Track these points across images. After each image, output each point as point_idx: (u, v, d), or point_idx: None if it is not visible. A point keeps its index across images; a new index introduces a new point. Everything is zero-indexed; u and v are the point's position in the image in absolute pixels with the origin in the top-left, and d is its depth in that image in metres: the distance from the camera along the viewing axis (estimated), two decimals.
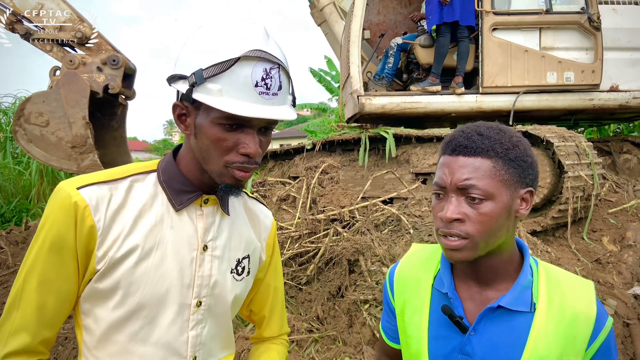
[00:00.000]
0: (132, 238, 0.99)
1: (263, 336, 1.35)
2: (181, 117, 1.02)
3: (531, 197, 0.99)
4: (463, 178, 0.94)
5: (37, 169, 6.99)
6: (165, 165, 1.08)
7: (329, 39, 7.63)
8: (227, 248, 1.12)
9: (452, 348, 1.03)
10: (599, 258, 3.85)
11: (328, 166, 4.74)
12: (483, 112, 5.09)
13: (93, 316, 1.01)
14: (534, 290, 1.00)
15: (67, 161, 4.12)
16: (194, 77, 0.93)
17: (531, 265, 1.04)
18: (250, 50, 0.93)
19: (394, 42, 5.41)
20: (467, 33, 4.93)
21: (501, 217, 0.94)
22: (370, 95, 5.10)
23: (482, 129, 0.98)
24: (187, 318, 1.05)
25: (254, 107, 0.94)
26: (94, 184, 0.98)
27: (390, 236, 3.75)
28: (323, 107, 16.68)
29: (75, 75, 4.07)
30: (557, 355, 0.94)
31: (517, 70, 4.93)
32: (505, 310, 0.99)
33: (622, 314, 3.26)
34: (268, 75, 0.95)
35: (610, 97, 5.08)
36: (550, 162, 4.02)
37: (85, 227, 0.95)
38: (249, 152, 0.97)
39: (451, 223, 0.95)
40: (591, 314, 0.95)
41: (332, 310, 3.47)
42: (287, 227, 4.28)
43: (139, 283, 0.99)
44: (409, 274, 1.18)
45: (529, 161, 0.98)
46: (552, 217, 4.00)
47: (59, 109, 4.07)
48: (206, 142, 0.98)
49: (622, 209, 4.41)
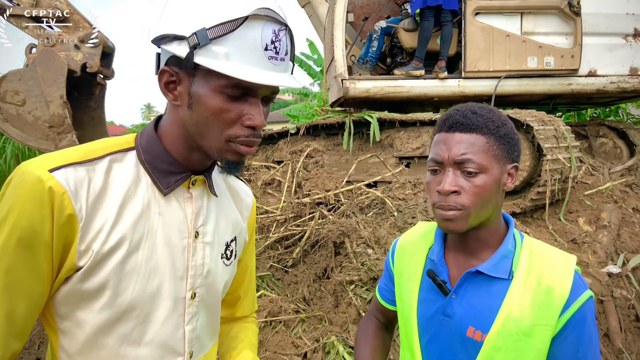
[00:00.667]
0: (118, 228, 0.86)
1: (235, 316, 1.27)
2: (169, 84, 0.89)
3: (516, 172, 1.08)
4: (460, 153, 1.01)
5: (13, 153, 6.85)
6: (146, 142, 0.94)
7: (312, 21, 7.57)
8: (217, 232, 1.03)
9: (436, 310, 1.11)
10: (574, 238, 3.99)
11: (313, 150, 4.77)
12: (465, 96, 5.16)
13: (74, 319, 0.87)
14: (514, 260, 1.07)
15: (44, 141, 4.04)
16: (195, 37, 0.81)
17: (515, 238, 1.12)
18: (260, 8, 0.83)
19: (377, 26, 5.42)
20: (450, 17, 4.96)
21: (492, 189, 1.03)
22: (355, 79, 5.11)
23: (475, 108, 1.06)
24: (182, 312, 0.96)
25: (264, 73, 0.85)
26: (69, 165, 0.83)
27: (375, 219, 3.82)
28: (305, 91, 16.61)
29: (52, 53, 3.97)
30: (530, 321, 1.01)
31: (498, 54, 5.00)
32: (485, 277, 1.07)
33: (596, 291, 3.40)
34: (277, 38, 0.86)
35: (588, 82, 5.19)
36: (529, 145, 4.12)
37: (64, 217, 0.80)
38: (255, 124, 0.88)
39: (448, 196, 1.02)
40: (566, 285, 1.02)
41: (319, 291, 3.54)
42: (273, 210, 4.32)
43: (129, 279, 0.88)
44: (409, 244, 1.28)
45: (515, 138, 1.08)
46: (531, 199, 4.11)
47: (36, 87, 3.97)
48: (205, 114, 0.86)
49: (598, 191, 4.55)
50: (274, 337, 3.08)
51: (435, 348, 1.12)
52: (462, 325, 1.06)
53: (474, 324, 1.05)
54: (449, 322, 1.08)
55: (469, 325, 1.05)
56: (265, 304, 3.31)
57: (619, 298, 3.45)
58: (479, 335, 1.04)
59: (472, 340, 1.05)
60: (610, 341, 3.22)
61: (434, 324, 1.11)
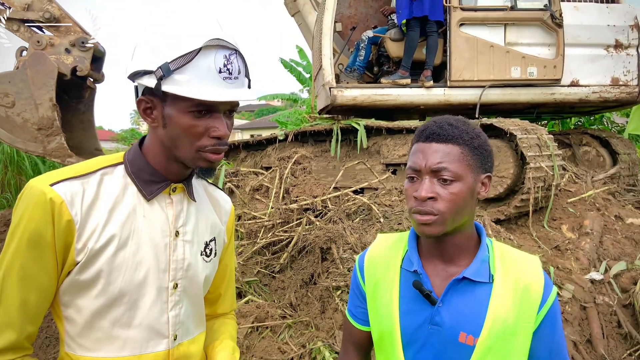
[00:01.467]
0: (109, 229, 1.04)
1: (217, 312, 1.42)
2: (147, 110, 1.07)
3: (489, 181, 1.15)
4: (436, 161, 1.08)
5: (2, 158, 6.80)
6: (132, 157, 1.12)
7: (302, 29, 7.65)
8: (196, 232, 1.19)
9: (423, 320, 1.14)
10: (558, 245, 4.06)
11: (301, 157, 4.81)
12: (451, 105, 5.24)
13: (74, 307, 1.04)
14: (491, 264, 1.14)
15: (33, 143, 4.03)
16: (161, 70, 0.99)
17: (487, 244, 1.18)
18: (210, 39, 1.00)
19: (365, 35, 5.50)
20: (435, 28, 5.05)
21: (467, 197, 1.09)
22: (342, 87, 5.18)
23: (452, 120, 1.13)
24: (165, 300, 1.11)
25: (221, 91, 1.02)
26: (66, 180, 1.01)
27: (362, 225, 3.86)
28: (294, 97, 16.67)
29: (43, 56, 3.97)
30: (514, 320, 1.08)
31: (483, 64, 5.09)
32: (468, 282, 1.12)
33: (579, 297, 3.46)
34: (229, 61, 1.03)
35: (571, 91, 5.31)
36: (513, 153, 4.20)
37: (63, 222, 0.98)
38: (220, 134, 1.05)
39: (425, 201, 1.08)
40: (540, 284, 1.11)
41: (305, 297, 3.56)
42: (261, 216, 4.34)
43: (119, 271, 1.04)
44: (378, 258, 1.29)
45: (488, 150, 1.15)
46: (515, 206, 4.18)
47: (25, 90, 3.97)
48: (177, 130, 1.04)
49: (581, 198, 4.64)
50: (260, 342, 3.09)
51: (425, 358, 1.14)
52: (453, 331, 1.10)
53: (465, 329, 1.09)
54: (438, 331, 1.11)
55: (460, 331, 1.10)
56: (252, 309, 3.33)
57: (601, 304, 3.51)
58: (472, 340, 1.09)
59: (465, 345, 1.09)
60: (593, 347, 3.27)
61: (421, 335, 1.14)
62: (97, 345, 1.05)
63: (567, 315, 3.25)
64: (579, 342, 3.07)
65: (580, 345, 3.07)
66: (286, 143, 5.61)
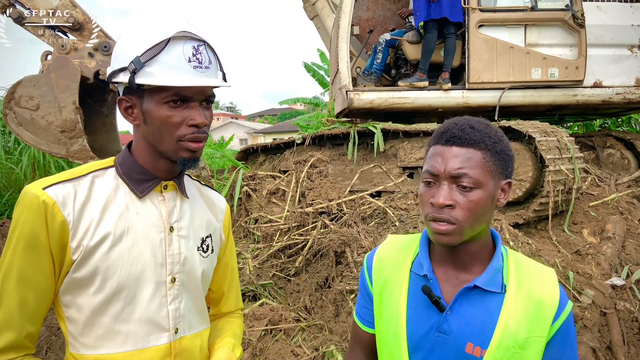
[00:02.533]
0: (102, 226, 1.07)
1: (222, 311, 1.45)
2: (128, 109, 1.11)
3: (509, 187, 1.09)
4: (456, 167, 1.02)
5: (29, 162, 7.01)
6: (122, 159, 1.16)
7: (321, 33, 7.68)
8: (192, 228, 1.21)
9: (430, 327, 1.10)
10: (578, 250, 3.97)
11: (317, 160, 4.82)
12: (469, 107, 5.19)
13: (75, 306, 1.07)
14: (504, 274, 1.09)
15: (56, 145, 4.16)
16: (133, 64, 1.03)
17: (502, 252, 1.13)
18: (177, 31, 1.05)
19: (382, 38, 5.49)
20: (454, 30, 5.01)
21: (486, 205, 1.04)
22: (359, 90, 5.18)
23: (473, 123, 1.07)
24: (164, 294, 1.13)
25: (192, 78, 1.05)
26: (58, 183, 1.06)
27: (377, 229, 3.85)
28: (316, 101, 16.72)
29: (67, 60, 4.10)
30: (525, 333, 1.03)
31: (502, 66, 5.03)
32: (480, 291, 1.07)
33: (599, 303, 3.38)
34: (197, 51, 1.07)
35: (594, 93, 5.19)
36: (532, 156, 4.12)
37: (57, 223, 1.02)
38: (197, 122, 1.08)
39: (442, 209, 1.02)
40: (555, 298, 1.05)
41: (320, 300, 3.57)
42: (277, 219, 4.37)
43: (115, 266, 1.07)
44: (388, 258, 1.24)
45: (510, 155, 1.09)
46: (534, 210, 4.11)
47: (50, 93, 4.10)
48: (156, 123, 1.07)
49: (603, 202, 4.53)
50: (273, 345, 3.11)
51: None
52: (460, 341, 1.06)
53: (472, 339, 1.05)
54: (445, 339, 1.07)
55: (467, 342, 1.05)
56: (266, 312, 3.35)
57: (622, 310, 3.42)
58: (479, 351, 1.04)
59: (472, 356, 1.04)
60: (613, 354, 3.19)
61: (427, 342, 1.10)
62: (100, 342, 1.08)
63: (586, 321, 3.17)
64: (598, 349, 2.99)
65: (600, 352, 2.99)
66: (304, 147, 5.63)
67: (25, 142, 4.26)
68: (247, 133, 39.30)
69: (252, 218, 4.81)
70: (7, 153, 7.45)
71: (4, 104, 4.13)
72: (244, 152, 7.00)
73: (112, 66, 1.10)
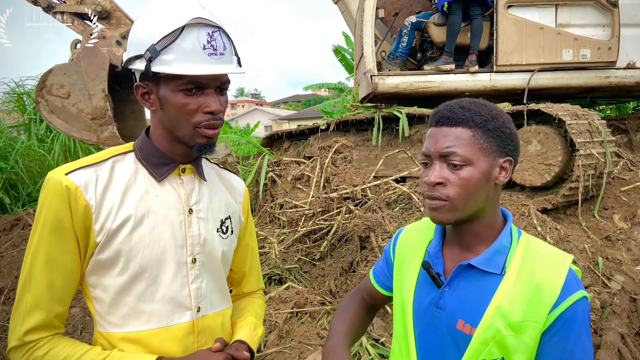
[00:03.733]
0: (124, 209, 1.10)
1: (243, 292, 1.48)
2: (145, 95, 1.13)
3: (510, 165, 1.09)
4: (445, 146, 1.05)
5: (61, 149, 7.20)
6: (140, 144, 1.19)
7: (345, 17, 7.60)
8: (210, 210, 1.24)
9: (429, 302, 1.14)
10: (608, 235, 3.89)
11: (341, 146, 4.82)
12: (497, 90, 5.09)
13: (101, 286, 1.11)
14: (508, 256, 1.08)
15: (87, 132, 4.24)
16: (148, 52, 1.05)
17: (512, 235, 1.12)
18: (192, 18, 1.05)
19: (407, 21, 5.41)
20: (479, 10, 4.90)
21: (479, 182, 1.05)
22: (384, 74, 5.13)
23: (464, 103, 1.09)
24: (185, 274, 1.17)
25: (206, 67, 1.06)
26: (80, 169, 1.09)
27: (401, 214, 3.84)
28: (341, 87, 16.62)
29: (95, 49, 4.16)
30: (520, 316, 1.01)
31: (532, 48, 4.90)
32: (479, 271, 1.09)
33: (629, 289, 3.32)
34: (212, 38, 1.08)
35: (627, 74, 5.03)
36: (562, 140, 4.04)
37: (80, 207, 1.05)
38: (212, 109, 1.10)
39: (434, 187, 1.06)
40: (557, 283, 1.01)
41: (344, 284, 3.59)
42: (302, 205, 4.40)
43: (138, 248, 1.10)
44: (411, 236, 1.32)
45: (508, 132, 1.08)
46: (563, 195, 4.03)
47: (80, 81, 4.17)
48: (173, 110, 1.09)
49: (635, 187, 4.41)
50: (299, 327, 3.16)
51: (427, 339, 1.14)
52: (452, 317, 1.08)
53: (463, 317, 1.07)
54: (440, 314, 1.11)
55: (458, 318, 1.07)
56: (292, 295, 3.40)
57: None
58: (468, 329, 1.06)
59: (462, 333, 1.07)
60: None
61: (427, 316, 1.14)
62: (125, 321, 1.12)
63: (615, 307, 3.12)
64: (627, 335, 2.94)
65: (629, 337, 2.94)
66: (328, 132, 5.64)
67: (57, 130, 4.37)
68: (271, 120, 39.43)
69: (278, 203, 4.86)
70: (40, 141, 7.67)
71: (36, 92, 4.22)
72: (268, 138, 7.05)
73: (128, 52, 1.11)
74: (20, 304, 1.06)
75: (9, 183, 6.92)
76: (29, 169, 7.16)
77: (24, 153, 7.27)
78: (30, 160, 7.27)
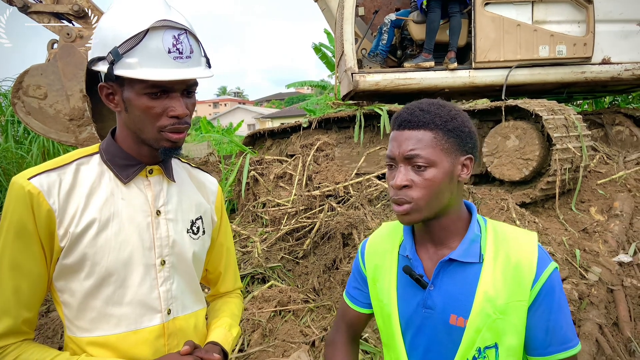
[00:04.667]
0: (88, 213, 1.08)
1: (220, 292, 1.47)
2: (109, 96, 1.11)
3: (471, 163, 1.12)
4: (409, 149, 1.07)
5: (39, 151, 7.08)
6: (106, 146, 1.16)
7: (325, 15, 7.60)
8: (180, 211, 1.22)
9: (417, 304, 1.15)
10: (586, 228, 3.97)
11: (323, 143, 4.83)
12: (476, 87, 5.15)
13: (68, 291, 1.09)
14: (482, 244, 1.13)
15: (65, 134, 4.17)
16: (111, 55, 1.03)
17: (479, 223, 1.16)
18: (157, 20, 1.03)
19: (387, 19, 5.44)
20: (458, 8, 4.95)
21: (443, 182, 1.07)
22: (364, 72, 5.15)
23: (424, 105, 1.11)
24: (154, 276, 1.15)
25: (171, 71, 1.04)
26: (43, 173, 1.07)
27: (383, 210, 3.87)
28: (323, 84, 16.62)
29: (73, 49, 4.09)
30: (506, 297, 1.06)
31: (509, 44, 4.97)
32: (458, 263, 1.11)
33: (606, 280, 3.39)
34: (178, 41, 1.05)
35: (602, 69, 5.12)
36: (539, 135, 4.10)
37: (43, 211, 1.03)
38: (177, 113, 1.07)
39: (400, 190, 1.07)
40: (532, 259, 1.08)
41: (327, 281, 3.61)
42: (284, 203, 4.41)
43: (103, 251, 1.08)
44: (378, 244, 1.32)
45: (467, 131, 1.11)
46: (541, 189, 4.10)
47: (57, 81, 4.10)
48: (137, 112, 1.07)
49: (611, 180, 4.50)
50: (283, 326, 3.17)
51: (420, 341, 1.15)
52: (444, 314, 1.10)
53: (455, 311, 1.09)
54: (431, 314, 1.12)
55: (451, 314, 1.10)
56: (275, 294, 3.40)
57: (629, 287, 3.43)
58: (462, 322, 1.08)
59: (456, 327, 1.09)
60: (620, 330, 3.21)
61: (416, 318, 1.15)
62: (94, 325, 1.10)
63: (593, 298, 3.19)
64: (604, 325, 3.01)
65: (606, 328, 3.01)
66: (310, 130, 5.64)
67: (34, 131, 4.29)
68: (254, 118, 39.26)
69: (260, 202, 4.85)
70: (17, 142, 7.53)
71: (12, 93, 4.15)
72: (251, 137, 7.03)
73: (92, 53, 1.09)
74: None
75: None
76: (7, 172, 7.01)
77: (1, 155, 7.13)
78: (8, 162, 7.13)
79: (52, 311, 3.62)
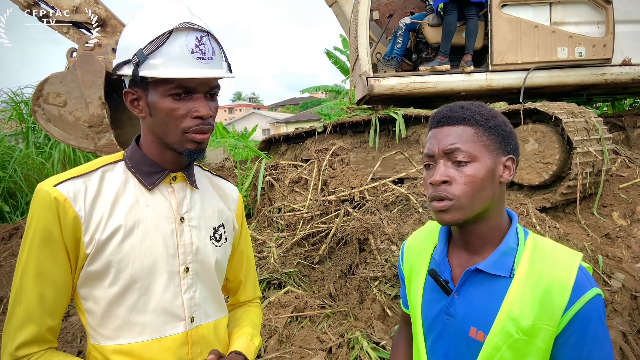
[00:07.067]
0: (113, 220, 1.08)
1: (240, 300, 1.47)
2: (134, 102, 1.12)
3: (513, 164, 1.08)
4: (449, 143, 1.04)
5: (59, 158, 7.19)
6: (130, 153, 1.17)
7: (340, 19, 7.60)
8: (203, 218, 1.22)
9: (439, 310, 1.12)
10: (608, 233, 3.88)
11: (338, 148, 4.81)
12: (493, 90, 5.09)
13: (92, 298, 1.09)
14: (516, 258, 1.06)
15: (84, 140, 4.25)
16: (136, 57, 1.04)
17: (519, 235, 1.10)
18: (180, 22, 1.05)
19: (402, 22, 5.41)
20: (475, 10, 4.90)
21: (485, 179, 1.03)
22: (379, 76, 5.13)
23: (463, 103, 1.09)
24: (178, 284, 1.15)
25: (195, 70, 1.05)
26: (68, 180, 1.07)
27: (399, 215, 3.83)
28: (337, 89, 16.65)
29: (92, 57, 4.17)
30: (532, 319, 0.98)
31: (527, 46, 4.90)
32: (487, 275, 1.06)
33: (630, 287, 3.31)
34: (200, 42, 1.07)
35: (623, 71, 5.02)
36: (559, 138, 4.03)
37: (69, 218, 1.04)
38: (201, 114, 1.08)
39: (439, 186, 1.03)
40: (568, 282, 0.98)
41: (344, 287, 3.58)
42: (300, 208, 4.39)
43: (128, 258, 1.08)
44: (415, 244, 1.30)
45: (508, 130, 1.08)
46: (562, 194, 4.02)
47: (76, 89, 4.18)
48: (161, 115, 1.08)
49: (634, 183, 4.41)
50: (299, 332, 3.15)
51: (440, 348, 1.12)
52: (464, 325, 1.06)
53: (476, 324, 1.05)
54: (452, 322, 1.09)
55: (471, 326, 1.05)
56: (291, 299, 3.38)
57: None
58: (481, 336, 1.03)
59: (475, 340, 1.04)
60: None
61: (438, 324, 1.12)
62: (117, 333, 1.10)
63: (616, 305, 3.11)
64: (628, 333, 2.93)
65: (630, 335, 2.93)
66: (325, 135, 5.63)
67: (55, 138, 4.37)
68: (269, 123, 39.45)
69: (276, 207, 4.84)
70: (38, 149, 7.66)
71: (33, 101, 4.23)
72: (266, 142, 7.04)
73: (117, 59, 1.11)
74: (11, 318, 1.04)
75: (8, 192, 6.92)
76: (28, 178, 7.15)
77: (23, 161, 7.26)
78: (29, 168, 7.26)
79: (71, 315, 3.65)
